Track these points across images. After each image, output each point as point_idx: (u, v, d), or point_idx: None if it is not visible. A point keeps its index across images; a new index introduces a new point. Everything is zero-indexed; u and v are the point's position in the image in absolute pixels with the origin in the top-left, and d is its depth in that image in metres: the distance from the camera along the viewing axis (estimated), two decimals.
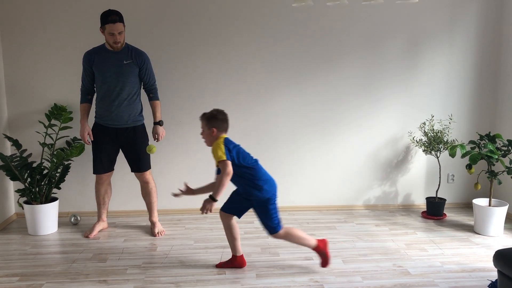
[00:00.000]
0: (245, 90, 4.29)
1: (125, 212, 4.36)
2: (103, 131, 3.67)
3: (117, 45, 3.51)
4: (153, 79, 3.71)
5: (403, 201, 4.62)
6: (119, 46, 3.53)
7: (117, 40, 3.48)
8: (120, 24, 3.46)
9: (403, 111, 4.46)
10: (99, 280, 3.01)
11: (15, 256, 3.40)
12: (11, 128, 4.14)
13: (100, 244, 3.63)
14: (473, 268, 3.20)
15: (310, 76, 4.32)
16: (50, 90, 4.11)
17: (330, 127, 4.42)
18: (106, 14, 3.44)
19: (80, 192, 4.27)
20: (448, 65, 4.42)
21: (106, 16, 3.43)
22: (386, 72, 4.37)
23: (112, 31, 3.43)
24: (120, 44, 3.52)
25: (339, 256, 3.40)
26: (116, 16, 3.43)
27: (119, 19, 3.44)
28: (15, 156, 3.74)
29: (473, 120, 4.53)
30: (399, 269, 3.18)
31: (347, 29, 4.28)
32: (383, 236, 3.81)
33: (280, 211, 4.43)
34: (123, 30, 3.50)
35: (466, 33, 4.38)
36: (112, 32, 3.44)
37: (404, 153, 4.53)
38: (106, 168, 3.74)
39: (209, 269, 3.17)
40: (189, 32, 4.15)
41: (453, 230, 3.97)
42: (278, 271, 3.15)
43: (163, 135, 3.75)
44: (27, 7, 3.98)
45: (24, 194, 3.81)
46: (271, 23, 4.20)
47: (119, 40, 3.49)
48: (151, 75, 3.69)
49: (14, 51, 4.04)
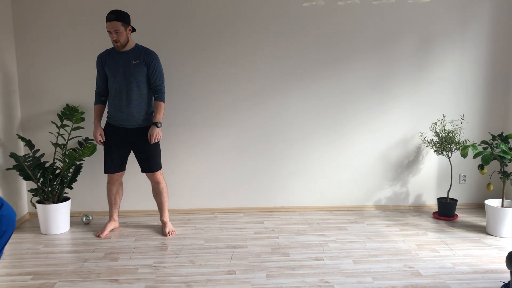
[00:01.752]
0: (256, 90, 4.29)
1: (136, 212, 4.39)
2: (114, 131, 3.70)
3: (116, 44, 3.51)
4: (160, 80, 3.65)
5: (414, 201, 4.60)
6: (119, 45, 3.52)
7: (114, 38, 3.47)
8: (117, 22, 3.44)
9: (414, 111, 4.43)
10: (111, 279, 3.04)
11: (28, 255, 3.44)
12: (24, 129, 4.19)
13: (112, 244, 3.66)
14: (485, 270, 3.17)
15: (320, 76, 4.31)
16: (62, 91, 4.15)
17: (341, 127, 4.41)
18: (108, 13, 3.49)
19: (92, 192, 4.31)
20: (459, 65, 4.38)
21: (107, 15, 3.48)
22: (397, 72, 4.35)
23: (109, 29, 3.45)
24: (120, 43, 3.51)
25: (349, 256, 3.39)
26: (113, 15, 3.43)
27: (116, 17, 3.43)
28: (28, 156, 3.79)
29: (485, 120, 4.49)
30: (410, 270, 3.16)
31: (358, 29, 4.26)
32: (394, 237, 3.80)
33: (289, 211, 4.46)
34: (122, 30, 3.47)
35: (478, 33, 4.34)
36: (109, 30, 3.46)
37: (415, 153, 4.50)
38: (117, 167, 3.77)
39: (220, 269, 3.18)
40: (200, 34, 4.17)
41: (465, 231, 3.94)
42: (289, 271, 3.15)
43: (157, 137, 3.62)
44: (41, 8, 4.03)
45: (37, 194, 3.85)
46: (282, 24, 4.20)
47: (116, 38, 3.47)
48: (159, 75, 3.65)
49: (28, 52, 4.09)
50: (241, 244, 3.63)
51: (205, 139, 4.34)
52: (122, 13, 3.48)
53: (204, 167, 4.37)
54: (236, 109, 4.32)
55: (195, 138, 4.32)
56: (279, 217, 4.31)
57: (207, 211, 4.44)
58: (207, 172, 4.37)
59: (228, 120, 4.33)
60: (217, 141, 4.34)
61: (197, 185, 4.40)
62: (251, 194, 4.46)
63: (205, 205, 4.45)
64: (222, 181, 4.41)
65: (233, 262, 3.29)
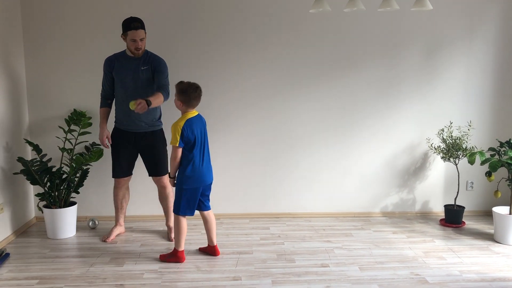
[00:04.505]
0: (262, 96, 4.30)
1: (142, 216, 4.39)
2: (122, 135, 3.72)
3: (138, 51, 3.56)
4: (163, 82, 3.58)
5: (421, 208, 4.57)
6: (140, 52, 3.58)
7: (139, 46, 3.53)
8: (142, 30, 3.51)
9: (421, 118, 4.41)
10: (116, 284, 3.04)
11: (34, 259, 3.45)
12: (31, 133, 4.22)
13: (117, 248, 3.67)
14: (493, 278, 3.15)
15: (327, 82, 4.31)
16: (69, 96, 4.18)
17: (347, 133, 4.40)
18: (128, 21, 3.49)
19: (98, 196, 4.32)
20: (466, 71, 4.37)
21: (128, 22, 3.49)
22: (404, 78, 4.34)
23: (134, 37, 3.48)
24: (141, 50, 3.57)
25: (355, 263, 3.38)
26: (138, 23, 3.49)
27: (141, 26, 3.50)
28: (35, 160, 3.81)
29: (493, 127, 4.46)
30: (417, 278, 3.14)
31: (364, 35, 4.26)
32: (400, 244, 3.77)
33: (295, 217, 4.45)
34: (145, 37, 3.55)
35: (485, 39, 4.33)
36: (134, 39, 3.49)
37: (422, 160, 4.48)
38: (125, 172, 3.79)
39: (225, 275, 3.18)
40: (207, 39, 4.18)
41: (472, 239, 3.91)
42: (294, 277, 3.14)
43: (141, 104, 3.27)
44: (49, 14, 4.07)
45: (44, 198, 3.87)
46: (288, 29, 4.21)
47: (140, 46, 3.54)
48: (163, 78, 3.60)
49: (36, 58, 4.12)
50: (247, 250, 3.62)
51: (211, 145, 4.33)
52: (142, 21, 3.54)
53: None
54: (242, 115, 4.32)
55: None
56: (285, 223, 4.30)
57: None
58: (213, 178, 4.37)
59: (234, 125, 4.33)
60: (223, 146, 4.35)
61: None
62: (257, 200, 4.45)
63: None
64: (228, 186, 4.41)
65: (238, 268, 3.29)
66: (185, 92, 3.23)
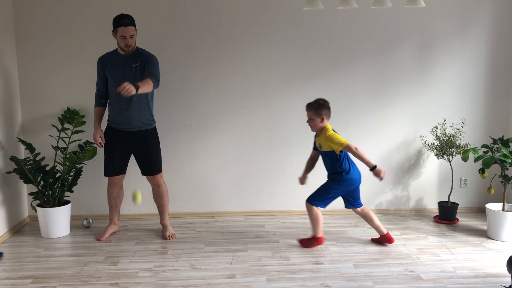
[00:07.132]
0: (257, 95, 4.29)
1: (137, 215, 4.38)
2: (115, 134, 3.71)
3: (128, 48, 3.53)
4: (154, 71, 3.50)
5: (415, 205, 4.59)
6: (130, 49, 3.55)
7: (129, 43, 3.50)
8: (132, 27, 3.49)
9: (415, 115, 4.43)
10: (111, 283, 3.03)
11: (28, 259, 3.43)
12: (25, 132, 4.19)
13: (112, 247, 3.66)
14: (486, 274, 3.17)
15: (321, 80, 4.32)
16: (63, 94, 4.16)
17: (341, 130, 4.39)
18: (118, 18, 3.47)
19: (92, 195, 4.31)
20: (460, 69, 4.38)
21: (118, 19, 3.47)
22: (397, 75, 4.35)
23: (124, 34, 3.46)
24: (132, 47, 3.55)
25: (350, 260, 3.39)
26: (128, 20, 3.46)
27: (130, 22, 3.48)
28: (28, 159, 3.79)
29: (486, 124, 4.49)
30: (411, 274, 3.16)
31: (358, 33, 4.27)
32: (394, 241, 3.79)
33: (290, 214, 4.46)
34: (135, 34, 3.53)
35: (479, 36, 4.35)
36: (123, 35, 3.47)
37: (416, 157, 4.50)
38: (118, 170, 3.77)
39: (220, 273, 3.17)
40: (201, 38, 4.18)
41: (465, 235, 3.93)
42: (289, 275, 3.15)
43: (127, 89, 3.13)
44: (41, 12, 4.04)
45: (37, 197, 3.85)
46: (282, 27, 4.21)
47: (130, 43, 3.51)
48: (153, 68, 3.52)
49: (29, 56, 4.10)
50: (242, 248, 3.62)
51: (205, 143, 4.34)
52: (132, 17, 3.51)
53: (204, 170, 4.37)
54: (237, 113, 4.32)
55: (196, 142, 4.32)
56: (280, 221, 4.30)
57: (207, 215, 4.44)
58: (208, 176, 4.37)
59: (229, 124, 4.33)
60: (218, 145, 4.34)
61: (197, 189, 4.39)
62: (252, 198, 4.45)
63: (206, 209, 4.45)
64: (223, 184, 4.41)
65: (233, 266, 3.29)
66: (329, 108, 3.54)
